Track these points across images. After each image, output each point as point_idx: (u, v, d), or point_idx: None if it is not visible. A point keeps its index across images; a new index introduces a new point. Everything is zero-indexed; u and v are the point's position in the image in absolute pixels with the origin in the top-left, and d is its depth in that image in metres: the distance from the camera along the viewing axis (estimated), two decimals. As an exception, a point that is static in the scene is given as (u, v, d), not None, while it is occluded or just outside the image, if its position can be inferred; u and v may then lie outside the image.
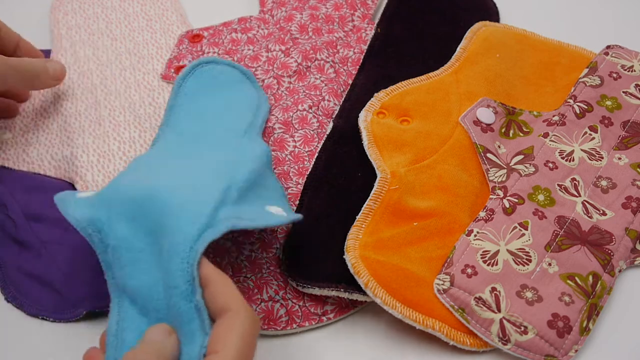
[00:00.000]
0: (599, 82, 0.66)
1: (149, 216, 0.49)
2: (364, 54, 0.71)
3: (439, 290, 0.53)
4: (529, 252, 0.55)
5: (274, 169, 0.63)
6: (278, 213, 0.52)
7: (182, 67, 0.70)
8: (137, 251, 0.48)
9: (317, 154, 0.63)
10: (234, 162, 0.54)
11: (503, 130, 0.63)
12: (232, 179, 0.52)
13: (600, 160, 0.61)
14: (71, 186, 0.64)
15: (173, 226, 0.47)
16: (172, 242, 0.46)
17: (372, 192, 0.57)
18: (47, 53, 0.73)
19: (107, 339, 0.48)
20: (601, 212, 0.58)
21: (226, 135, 0.60)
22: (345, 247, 0.55)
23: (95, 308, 0.56)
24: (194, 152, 0.58)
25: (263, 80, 0.69)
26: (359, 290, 0.53)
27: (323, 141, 0.64)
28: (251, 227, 0.49)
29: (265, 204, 0.53)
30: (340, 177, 0.61)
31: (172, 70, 0.70)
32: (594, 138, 0.63)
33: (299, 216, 0.53)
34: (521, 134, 0.63)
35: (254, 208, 0.51)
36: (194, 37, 0.73)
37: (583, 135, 0.63)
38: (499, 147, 0.62)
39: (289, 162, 0.63)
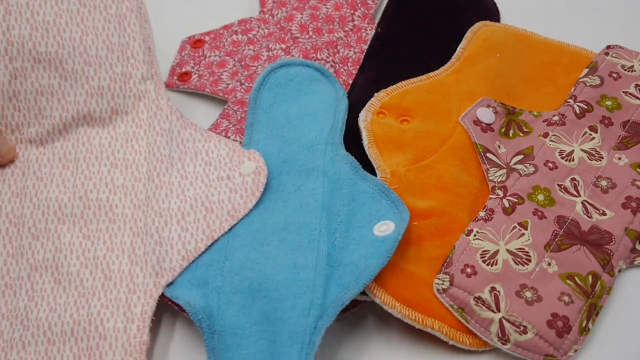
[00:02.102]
0: (599, 82, 0.66)
1: (260, 306, 0.52)
2: (364, 53, 0.71)
3: (438, 289, 0.53)
4: (528, 252, 0.55)
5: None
6: (386, 233, 0.54)
7: (185, 73, 0.71)
8: (241, 337, 0.51)
9: (317, 154, 0.63)
10: (327, 208, 0.56)
11: (503, 130, 0.63)
12: (330, 237, 0.55)
13: (600, 160, 0.61)
14: None
15: (288, 317, 0.51)
16: (292, 331, 0.50)
17: (372, 192, 0.57)
18: None
19: None
20: (601, 212, 0.58)
21: (309, 155, 0.60)
22: (345, 246, 0.55)
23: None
24: (282, 195, 0.58)
25: None
26: (359, 289, 0.53)
27: (323, 141, 0.64)
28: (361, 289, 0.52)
29: (371, 225, 0.55)
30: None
31: (176, 77, 0.71)
32: (593, 138, 0.63)
33: (407, 216, 0.55)
34: (521, 134, 0.63)
35: (359, 250, 0.54)
36: (196, 43, 0.73)
37: (583, 135, 0.63)
38: (499, 146, 0.62)
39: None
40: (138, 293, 0.54)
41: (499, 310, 0.52)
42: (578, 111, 0.64)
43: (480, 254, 0.55)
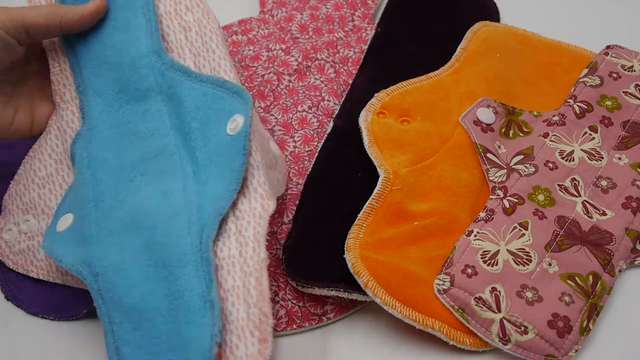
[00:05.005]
0: (599, 82, 0.66)
1: (137, 238, 0.51)
2: (364, 53, 0.71)
3: (439, 290, 0.53)
4: (529, 252, 0.55)
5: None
6: (237, 129, 0.53)
7: None
8: (125, 270, 0.51)
9: (317, 154, 0.63)
10: (178, 128, 0.55)
11: (503, 130, 0.63)
12: (191, 157, 0.54)
13: (600, 160, 0.61)
14: None
15: (170, 241, 0.50)
16: (179, 253, 0.50)
17: (375, 191, 0.57)
18: None
19: (109, 358, 0.49)
20: (601, 212, 0.58)
21: (137, 76, 0.57)
22: (345, 246, 0.55)
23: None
24: (130, 127, 0.57)
25: (263, 76, 0.69)
26: (359, 290, 0.53)
27: (323, 141, 0.64)
28: (238, 186, 0.51)
29: (223, 127, 0.53)
30: (340, 177, 0.61)
31: None
32: (594, 138, 0.63)
33: (249, 99, 0.53)
34: (521, 134, 0.63)
35: (221, 158, 0.53)
36: None
37: (583, 135, 0.63)
38: (499, 147, 0.62)
39: (289, 163, 0.63)
40: (247, 218, 0.52)
41: (499, 311, 0.52)
42: (578, 111, 0.64)
43: (481, 255, 0.55)
